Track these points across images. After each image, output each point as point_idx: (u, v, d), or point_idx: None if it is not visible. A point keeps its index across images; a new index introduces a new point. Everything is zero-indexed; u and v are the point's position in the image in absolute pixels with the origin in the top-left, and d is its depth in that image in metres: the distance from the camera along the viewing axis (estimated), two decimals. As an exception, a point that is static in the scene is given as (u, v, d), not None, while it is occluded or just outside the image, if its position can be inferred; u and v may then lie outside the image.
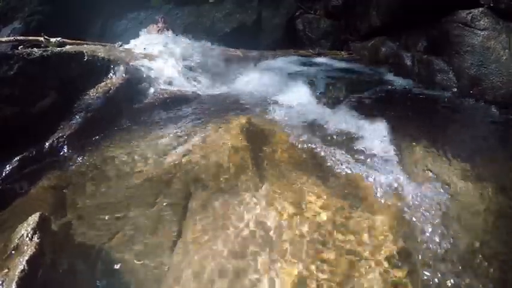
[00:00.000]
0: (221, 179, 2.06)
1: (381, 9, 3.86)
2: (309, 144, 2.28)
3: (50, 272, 1.62)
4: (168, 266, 1.69)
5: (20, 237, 1.67)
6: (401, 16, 3.67)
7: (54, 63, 2.75)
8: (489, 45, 3.11)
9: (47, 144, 2.51)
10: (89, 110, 2.69)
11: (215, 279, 1.60)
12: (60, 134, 2.56)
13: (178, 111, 2.81)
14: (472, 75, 3.17)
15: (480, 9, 3.14)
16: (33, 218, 1.74)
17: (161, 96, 2.92)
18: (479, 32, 3.14)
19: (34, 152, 2.46)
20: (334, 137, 2.38)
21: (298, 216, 1.84)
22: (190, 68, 3.23)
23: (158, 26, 3.62)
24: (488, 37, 3.11)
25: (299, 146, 2.29)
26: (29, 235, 1.66)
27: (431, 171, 2.15)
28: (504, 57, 3.07)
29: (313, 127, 2.48)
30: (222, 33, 3.89)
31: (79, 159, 2.40)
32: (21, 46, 2.95)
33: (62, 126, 2.62)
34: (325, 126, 2.51)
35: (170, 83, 3.06)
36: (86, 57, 2.86)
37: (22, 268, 1.52)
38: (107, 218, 1.94)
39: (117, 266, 1.71)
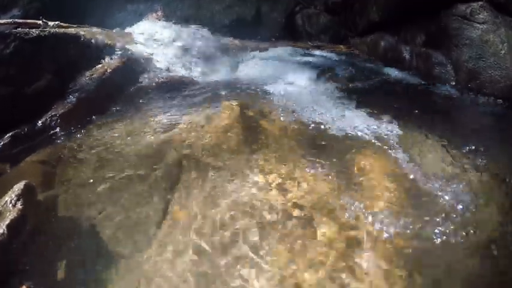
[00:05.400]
0: (213, 155, 2.04)
1: (380, 5, 3.87)
2: (302, 126, 2.26)
3: (31, 239, 1.59)
4: (154, 239, 1.65)
5: (4, 203, 1.64)
6: (400, 11, 3.67)
7: (51, 43, 2.75)
8: (488, 39, 3.09)
9: (39, 122, 2.50)
10: (84, 90, 2.67)
11: (202, 253, 1.55)
12: (54, 113, 2.54)
13: (173, 95, 2.80)
14: (470, 69, 3.15)
15: (479, 2, 3.14)
16: (19, 186, 1.72)
17: (157, 80, 2.91)
18: (478, 25, 3.13)
19: (26, 129, 2.45)
20: (328, 120, 2.35)
21: (289, 193, 1.80)
22: (188, 55, 3.22)
23: (157, 15, 3.65)
24: (487, 30, 3.10)
25: (292, 127, 2.27)
26: (13, 201, 1.63)
27: (425, 157, 2.11)
28: (503, 51, 3.05)
29: (307, 110, 2.45)
30: (221, 25, 3.91)
31: (71, 137, 2.39)
32: (19, 28, 2.95)
33: (55, 106, 2.61)
34: (319, 110, 2.48)
35: (167, 68, 3.04)
36: (83, 39, 2.86)
37: (1, 232, 1.48)
38: (94, 192, 1.90)
39: (101, 239, 1.66)
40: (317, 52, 3.70)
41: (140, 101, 2.73)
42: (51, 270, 1.51)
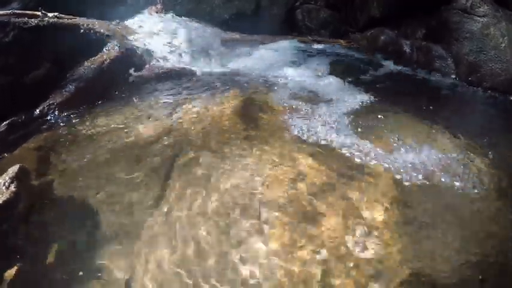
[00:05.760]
0: (210, 142, 2.03)
1: (381, 1, 3.85)
2: (301, 114, 2.24)
3: (22, 220, 1.57)
4: (149, 223, 1.63)
5: (-3, 186, 1.62)
6: (401, 6, 3.67)
7: (50, 33, 2.74)
8: (488, 32, 3.09)
9: (37, 110, 2.49)
10: (83, 79, 2.66)
11: (199, 237, 1.53)
12: (51, 101, 2.53)
13: (172, 86, 2.79)
14: (470, 62, 3.14)
15: (480, -4, 3.14)
16: (13, 169, 1.70)
17: (156, 71, 2.90)
18: (478, 18, 3.12)
19: (24, 117, 2.44)
20: (328, 109, 2.33)
21: (286, 178, 1.78)
22: (188, 47, 3.21)
23: (157, 8, 3.65)
24: (488, 24, 3.09)
25: (291, 116, 2.25)
26: (6, 184, 1.62)
27: (423, 145, 2.09)
28: (503, 44, 3.04)
29: (307, 100, 2.43)
30: (221, 19, 3.89)
31: (68, 125, 2.37)
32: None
33: (53, 95, 2.59)
34: (319, 100, 2.46)
35: (166, 60, 3.03)
36: (82, 30, 2.85)
37: (-6, 212, 1.46)
38: (89, 177, 1.89)
39: (95, 222, 1.64)
40: (317, 46, 3.70)
41: (139, 90, 2.71)
42: (43, 253, 1.49)
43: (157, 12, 3.68)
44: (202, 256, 1.45)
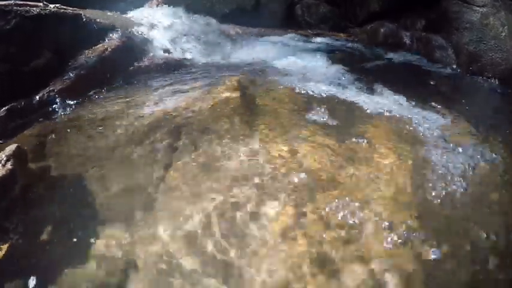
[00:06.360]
0: (211, 124, 2.01)
1: (381, -6, 3.89)
2: (303, 99, 2.23)
3: (18, 199, 1.55)
4: (148, 205, 1.60)
5: (-6, 163, 1.60)
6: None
7: (52, 22, 2.74)
8: (488, 22, 3.10)
9: (37, 97, 2.47)
10: (83, 68, 2.65)
11: (199, 217, 1.50)
12: (51, 89, 2.52)
13: (173, 75, 2.78)
14: (471, 51, 3.15)
15: (479, -14, 3.16)
16: (10, 148, 1.68)
17: (157, 61, 2.90)
18: (477, 8, 3.13)
19: (23, 104, 2.42)
20: (330, 95, 2.32)
21: (289, 158, 1.76)
22: (188, 39, 3.22)
23: (158, 1, 3.67)
24: (487, 14, 3.10)
25: (293, 99, 2.24)
26: (2, 161, 1.60)
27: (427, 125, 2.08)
28: (503, 34, 3.05)
29: (309, 86, 2.42)
30: (222, 14, 3.92)
31: (68, 112, 2.36)
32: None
33: (53, 82, 2.59)
34: (321, 86, 2.45)
35: (167, 50, 3.04)
36: (84, 19, 2.86)
37: (-12, 189, 1.44)
38: (88, 160, 1.86)
39: (92, 204, 1.61)
40: (318, 39, 3.72)
41: (139, 79, 2.71)
42: (37, 231, 1.46)
43: (157, 6, 3.70)
44: (205, 236, 1.41)
